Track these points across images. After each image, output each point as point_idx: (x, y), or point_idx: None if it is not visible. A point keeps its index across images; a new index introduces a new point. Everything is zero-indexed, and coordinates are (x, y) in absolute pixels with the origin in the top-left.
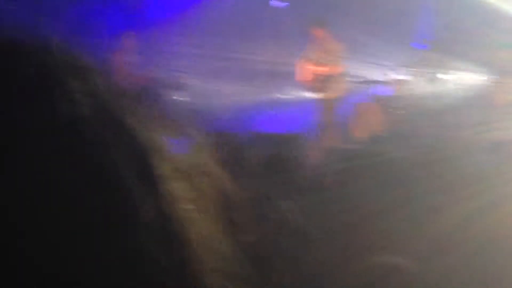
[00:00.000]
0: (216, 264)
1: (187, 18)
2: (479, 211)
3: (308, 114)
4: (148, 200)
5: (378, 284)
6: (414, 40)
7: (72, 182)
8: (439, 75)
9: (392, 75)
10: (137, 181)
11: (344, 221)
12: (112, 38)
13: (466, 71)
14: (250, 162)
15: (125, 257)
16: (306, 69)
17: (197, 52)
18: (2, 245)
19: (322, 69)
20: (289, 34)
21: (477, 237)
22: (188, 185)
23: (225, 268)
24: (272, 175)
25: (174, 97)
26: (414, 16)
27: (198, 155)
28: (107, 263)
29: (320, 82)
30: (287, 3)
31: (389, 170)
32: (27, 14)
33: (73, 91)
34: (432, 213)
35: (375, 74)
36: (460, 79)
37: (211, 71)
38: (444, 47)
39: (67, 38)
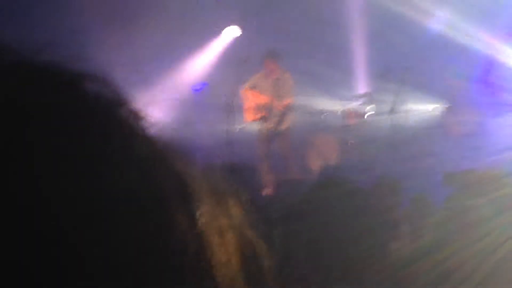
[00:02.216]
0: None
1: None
2: (435, 242)
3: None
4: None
5: None
6: (370, 70)
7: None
8: (394, 106)
9: (347, 105)
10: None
11: (314, 248)
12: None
13: (420, 101)
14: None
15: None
16: (254, 100)
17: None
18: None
19: (271, 101)
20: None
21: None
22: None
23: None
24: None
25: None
26: (370, 47)
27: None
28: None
29: (269, 114)
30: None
31: (346, 200)
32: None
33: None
34: (394, 242)
35: (330, 104)
36: (415, 109)
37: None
38: (399, 77)
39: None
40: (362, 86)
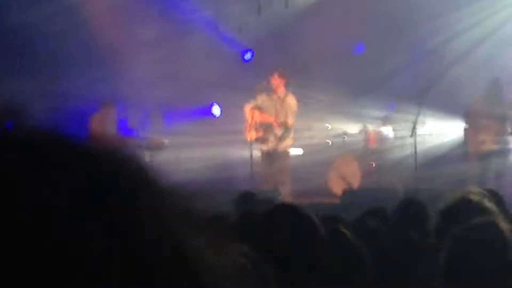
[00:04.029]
0: None
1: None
2: None
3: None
4: None
5: None
6: (390, 92)
7: None
8: (414, 127)
9: (367, 127)
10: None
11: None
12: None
13: (441, 122)
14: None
15: None
16: (255, 119)
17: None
18: None
19: (271, 120)
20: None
21: None
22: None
23: None
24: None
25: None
26: (391, 69)
27: None
28: None
29: (268, 134)
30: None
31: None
32: None
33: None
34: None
35: (350, 126)
36: (435, 130)
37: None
38: (419, 98)
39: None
40: (382, 108)
